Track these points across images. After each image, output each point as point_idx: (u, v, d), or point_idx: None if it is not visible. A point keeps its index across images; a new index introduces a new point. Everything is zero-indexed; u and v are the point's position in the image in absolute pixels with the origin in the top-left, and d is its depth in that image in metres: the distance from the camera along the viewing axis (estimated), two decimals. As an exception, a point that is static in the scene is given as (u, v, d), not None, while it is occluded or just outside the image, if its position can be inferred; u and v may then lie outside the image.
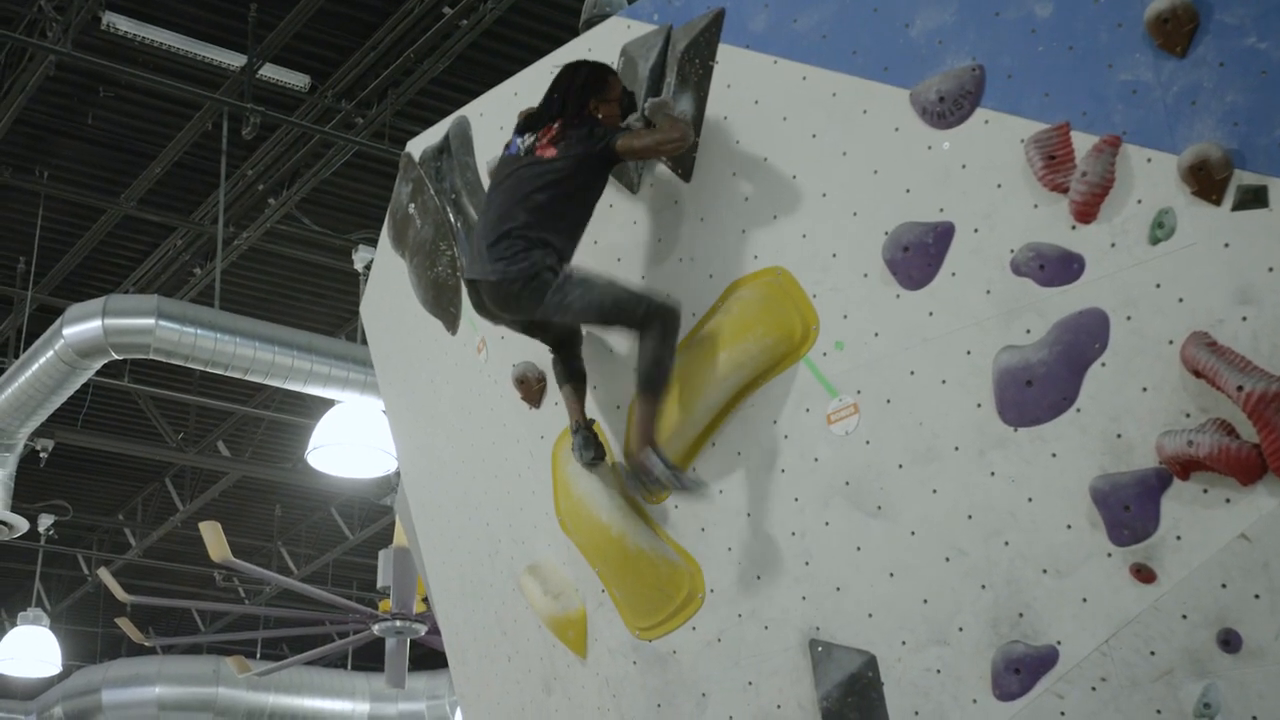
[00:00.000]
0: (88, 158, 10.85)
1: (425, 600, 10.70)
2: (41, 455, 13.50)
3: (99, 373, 10.64)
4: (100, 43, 9.35)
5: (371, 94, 9.79)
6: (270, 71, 9.73)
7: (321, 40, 9.57)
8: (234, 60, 9.58)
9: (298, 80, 9.89)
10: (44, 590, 17.81)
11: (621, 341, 4.75)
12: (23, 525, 11.62)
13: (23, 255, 11.91)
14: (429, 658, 16.21)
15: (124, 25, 9.21)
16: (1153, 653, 3.64)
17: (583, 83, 4.66)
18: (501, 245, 4.44)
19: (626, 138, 4.50)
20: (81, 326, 9.75)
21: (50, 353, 9.93)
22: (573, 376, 4.80)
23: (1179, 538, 3.60)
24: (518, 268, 4.39)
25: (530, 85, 5.13)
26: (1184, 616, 3.59)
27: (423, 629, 11.05)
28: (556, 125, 4.59)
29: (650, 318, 4.42)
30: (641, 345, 4.43)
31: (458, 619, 5.87)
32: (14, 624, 16.13)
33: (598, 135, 4.51)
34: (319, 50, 9.68)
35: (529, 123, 4.70)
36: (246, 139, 10.04)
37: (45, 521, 16.06)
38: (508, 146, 4.72)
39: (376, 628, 11.15)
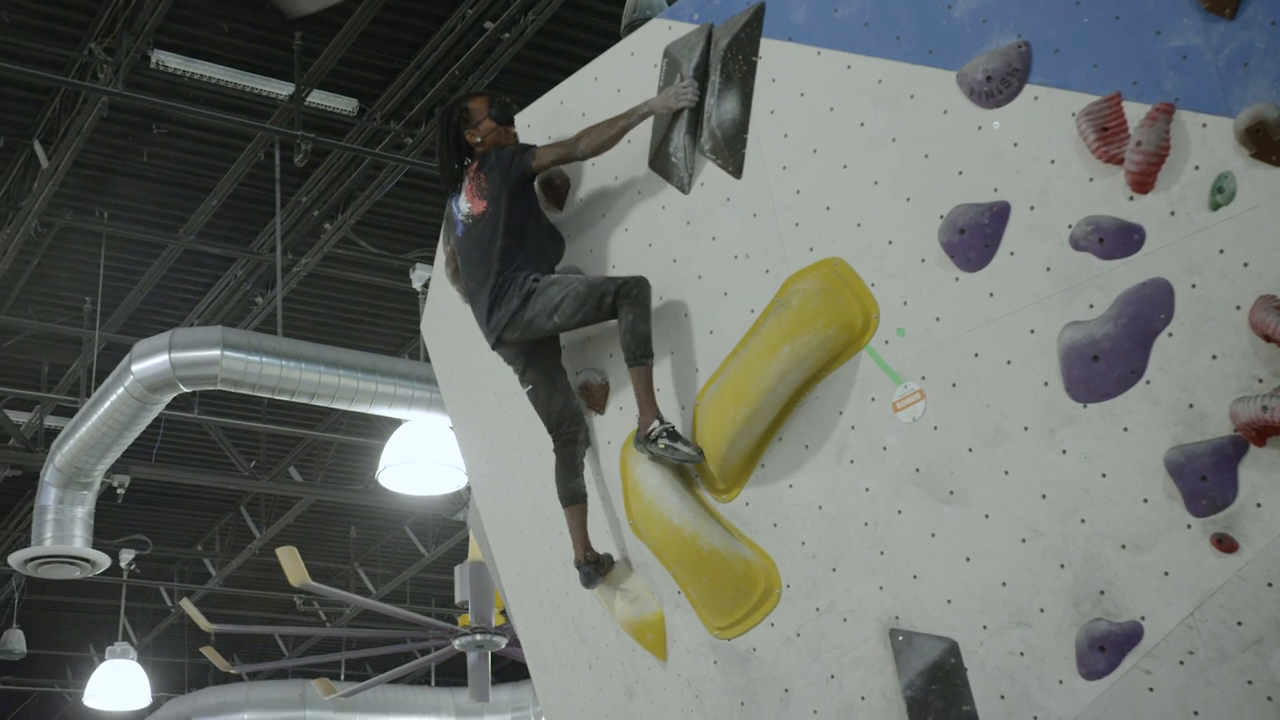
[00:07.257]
0: (145, 195, 10.96)
1: (504, 613, 10.73)
2: (119, 491, 13.64)
3: (170, 406, 10.74)
4: (151, 81, 9.45)
5: (419, 113, 9.83)
6: (318, 98, 9.80)
7: (366, 63, 9.62)
8: (282, 89, 9.66)
9: (346, 104, 9.96)
10: (129, 624, 18.03)
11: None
12: (105, 561, 11.74)
13: (88, 295, 12.06)
14: (511, 670, 16.28)
15: (173, 62, 9.30)
16: (1240, 623, 3.59)
17: (450, 131, 5.10)
18: (499, 302, 4.86)
19: (537, 155, 4.88)
20: (149, 362, 9.83)
21: (120, 389, 10.02)
22: (574, 497, 4.99)
23: (1259, 505, 3.55)
24: (516, 300, 4.82)
25: (575, 94, 5.14)
26: (1270, 584, 3.54)
27: (503, 641, 11.08)
28: (469, 177, 5.01)
29: (622, 293, 4.65)
30: (621, 320, 4.65)
31: (537, 629, 5.88)
32: (103, 659, 16.36)
33: (514, 166, 4.89)
34: (365, 73, 9.74)
35: (448, 180, 5.13)
36: (299, 166, 10.11)
37: (126, 556, 16.24)
38: (451, 213, 5.11)
39: (457, 643, 11.19)
